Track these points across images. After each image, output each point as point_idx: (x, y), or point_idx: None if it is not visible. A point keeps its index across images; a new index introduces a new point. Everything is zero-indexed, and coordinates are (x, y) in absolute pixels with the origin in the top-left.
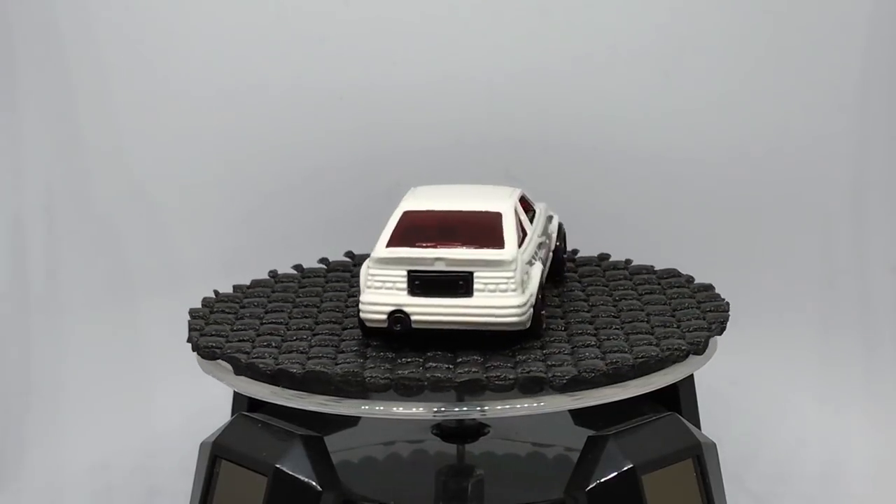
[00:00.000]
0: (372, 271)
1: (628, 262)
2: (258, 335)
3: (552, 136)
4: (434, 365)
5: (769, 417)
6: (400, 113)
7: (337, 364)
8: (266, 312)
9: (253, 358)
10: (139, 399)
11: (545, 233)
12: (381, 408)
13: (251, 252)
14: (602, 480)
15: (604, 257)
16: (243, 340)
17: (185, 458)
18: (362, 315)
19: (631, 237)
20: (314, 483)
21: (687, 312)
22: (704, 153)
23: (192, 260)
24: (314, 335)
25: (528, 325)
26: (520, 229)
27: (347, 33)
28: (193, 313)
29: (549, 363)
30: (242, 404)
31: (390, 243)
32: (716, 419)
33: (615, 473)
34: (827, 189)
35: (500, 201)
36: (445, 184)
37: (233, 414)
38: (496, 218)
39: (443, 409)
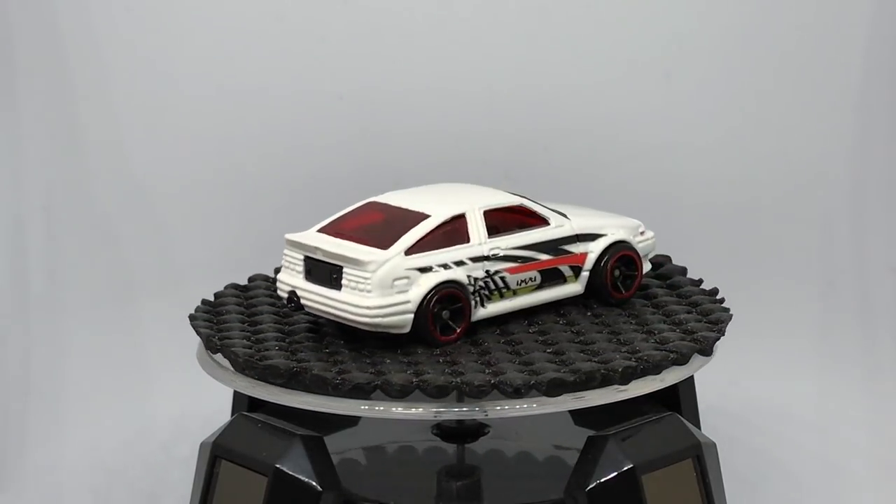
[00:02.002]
0: (285, 251)
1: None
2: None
3: (552, 137)
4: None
5: (769, 417)
6: (400, 113)
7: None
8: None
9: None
10: (139, 399)
11: (543, 248)
12: (381, 408)
13: (251, 252)
14: (602, 480)
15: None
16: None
17: (185, 458)
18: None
19: None
20: (314, 483)
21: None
22: (705, 153)
23: (191, 260)
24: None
25: (399, 329)
26: (453, 237)
27: (347, 33)
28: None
29: (389, 370)
30: (242, 404)
31: (321, 228)
32: (716, 419)
33: (615, 473)
34: (827, 189)
35: (451, 206)
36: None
37: (233, 414)
38: (419, 220)
39: (442, 409)
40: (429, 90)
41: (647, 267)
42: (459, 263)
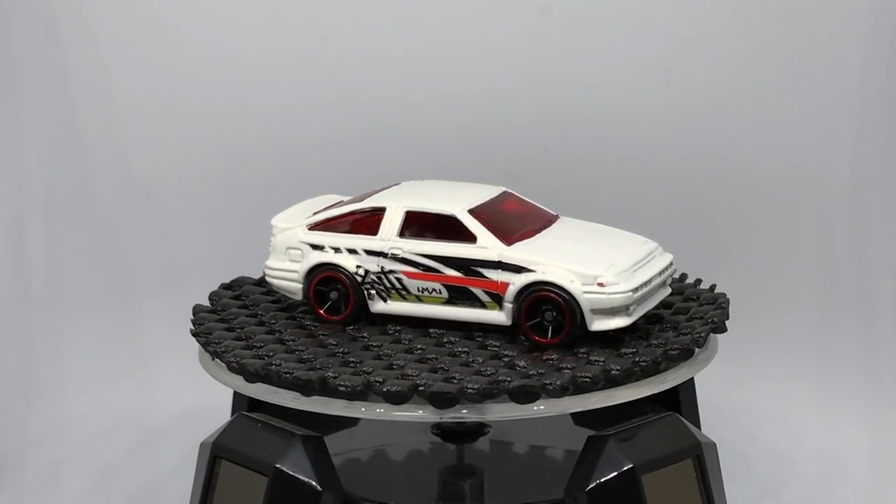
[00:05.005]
0: None
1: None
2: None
3: (552, 135)
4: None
5: (769, 418)
6: (400, 113)
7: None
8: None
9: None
10: (139, 399)
11: (452, 264)
12: (381, 410)
13: (251, 252)
14: (602, 480)
15: None
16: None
17: (185, 458)
18: None
19: None
20: (314, 483)
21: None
22: (705, 153)
23: (192, 260)
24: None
25: (291, 295)
26: (365, 227)
27: (347, 33)
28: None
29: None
30: (242, 404)
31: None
32: (716, 419)
33: (615, 473)
34: (827, 189)
35: (382, 200)
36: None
37: (233, 414)
38: (346, 205)
39: (442, 411)
40: (429, 90)
41: (613, 323)
42: (352, 251)
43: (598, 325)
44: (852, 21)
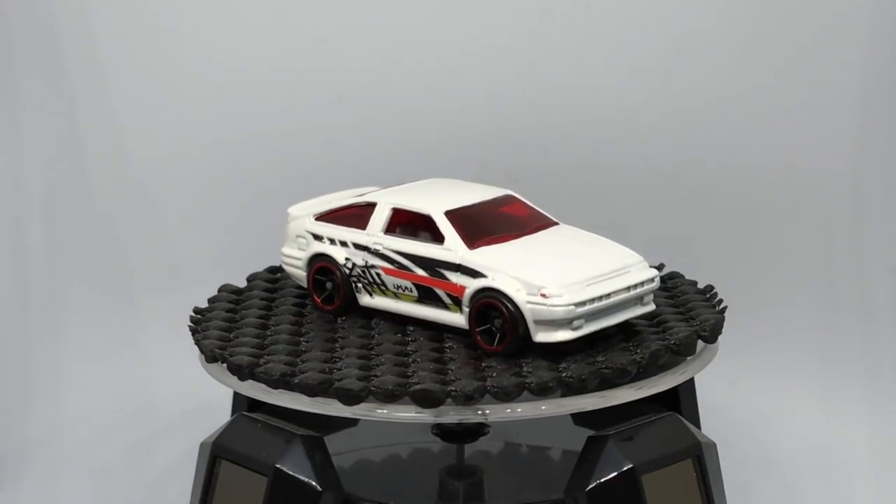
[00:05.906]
0: None
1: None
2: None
3: (552, 137)
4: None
5: (769, 417)
6: (400, 114)
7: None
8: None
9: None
10: (139, 399)
11: (421, 263)
12: (381, 411)
13: (251, 252)
14: (602, 480)
15: None
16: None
17: (185, 458)
18: None
19: (630, 238)
20: (314, 483)
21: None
22: (705, 153)
23: (192, 260)
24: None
25: (299, 281)
26: (359, 221)
27: (347, 33)
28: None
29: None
30: (242, 404)
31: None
32: (716, 419)
33: (615, 473)
34: (827, 189)
35: (376, 196)
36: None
37: (233, 414)
38: (349, 198)
39: (442, 411)
40: (429, 91)
41: (557, 336)
42: (344, 244)
43: (542, 336)
44: (852, 21)
